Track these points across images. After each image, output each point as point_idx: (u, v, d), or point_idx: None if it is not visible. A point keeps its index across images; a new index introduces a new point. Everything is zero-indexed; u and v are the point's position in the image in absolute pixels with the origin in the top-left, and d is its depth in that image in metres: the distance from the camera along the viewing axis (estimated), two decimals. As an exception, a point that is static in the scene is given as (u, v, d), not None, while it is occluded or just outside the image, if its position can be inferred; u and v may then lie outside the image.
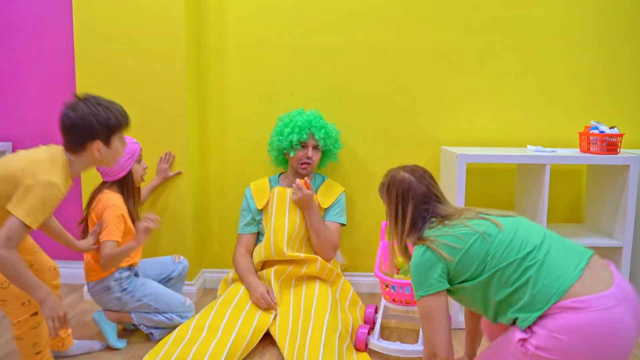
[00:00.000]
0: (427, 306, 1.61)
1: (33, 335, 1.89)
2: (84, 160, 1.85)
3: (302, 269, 2.53)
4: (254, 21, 2.84)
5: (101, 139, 1.83)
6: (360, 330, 2.29)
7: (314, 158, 2.66)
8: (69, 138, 1.82)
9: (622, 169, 2.48)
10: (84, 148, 1.83)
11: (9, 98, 2.97)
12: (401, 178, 1.75)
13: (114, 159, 1.94)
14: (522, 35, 2.82)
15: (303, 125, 2.62)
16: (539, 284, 1.49)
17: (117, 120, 1.86)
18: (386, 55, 2.84)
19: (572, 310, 1.43)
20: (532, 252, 1.53)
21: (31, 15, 2.89)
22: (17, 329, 1.88)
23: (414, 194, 1.73)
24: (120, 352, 2.27)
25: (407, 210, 1.72)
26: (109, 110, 1.84)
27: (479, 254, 1.58)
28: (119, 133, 1.89)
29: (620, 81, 2.86)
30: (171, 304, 2.37)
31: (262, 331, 2.30)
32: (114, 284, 2.28)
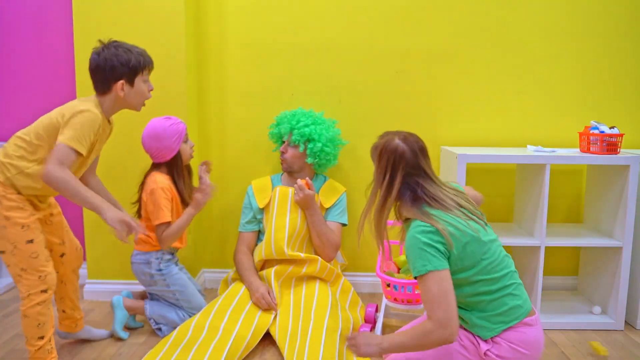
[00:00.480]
0: (439, 281, 1.55)
1: (38, 314, 1.93)
2: (111, 100, 2.01)
3: (302, 269, 2.53)
4: (254, 21, 2.84)
5: (124, 78, 1.99)
6: (362, 329, 2.30)
7: (287, 154, 2.67)
8: (96, 80, 2.00)
9: (622, 169, 2.48)
10: (110, 89, 1.99)
11: (9, 98, 2.96)
12: (394, 146, 1.69)
13: (139, 100, 2.06)
14: (522, 35, 2.83)
15: (281, 122, 2.69)
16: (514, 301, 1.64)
17: (137, 61, 2.01)
18: (386, 55, 2.84)
19: (528, 325, 1.63)
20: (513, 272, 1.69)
21: (31, 15, 2.88)
22: (25, 304, 1.93)
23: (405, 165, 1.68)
24: (123, 347, 2.28)
25: (395, 179, 1.68)
26: (130, 52, 2.00)
27: (473, 254, 1.60)
28: (141, 74, 2.03)
29: (620, 81, 2.86)
30: (192, 302, 2.43)
31: (262, 331, 2.30)
32: (154, 261, 2.39)
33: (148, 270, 2.39)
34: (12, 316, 2.61)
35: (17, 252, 1.90)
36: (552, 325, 2.53)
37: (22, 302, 1.93)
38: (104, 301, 2.78)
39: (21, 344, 2.32)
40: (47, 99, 2.94)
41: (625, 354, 2.30)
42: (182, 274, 2.47)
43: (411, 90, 2.86)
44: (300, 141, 2.63)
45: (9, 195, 1.90)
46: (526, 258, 2.64)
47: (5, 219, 1.89)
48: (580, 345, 2.39)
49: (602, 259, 2.66)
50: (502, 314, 1.62)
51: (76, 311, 2.29)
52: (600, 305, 2.67)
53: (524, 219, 2.69)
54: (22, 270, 1.91)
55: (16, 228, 1.89)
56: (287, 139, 2.67)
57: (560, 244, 2.51)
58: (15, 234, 1.89)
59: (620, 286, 2.50)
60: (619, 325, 2.53)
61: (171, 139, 2.31)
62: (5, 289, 2.94)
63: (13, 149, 1.92)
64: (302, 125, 2.63)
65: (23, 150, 1.91)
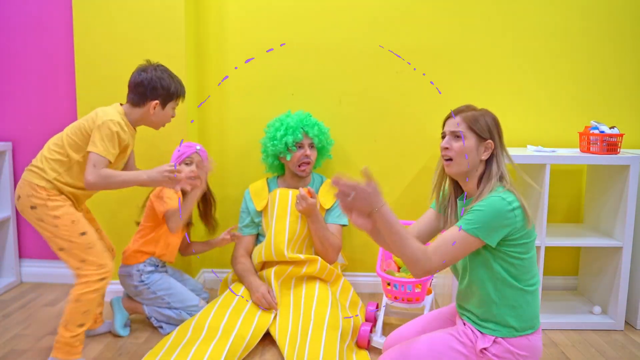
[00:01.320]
0: (467, 244, 1.55)
1: (90, 301, 2.03)
2: (139, 114, 2.18)
3: (302, 269, 2.53)
4: (254, 21, 2.84)
5: (160, 100, 2.16)
6: (363, 327, 2.31)
7: (312, 157, 2.65)
8: (135, 92, 2.16)
9: (622, 169, 2.48)
10: (144, 104, 2.16)
11: (9, 98, 2.96)
12: (496, 120, 1.72)
13: (162, 122, 2.24)
14: (522, 35, 2.83)
15: (295, 125, 2.61)
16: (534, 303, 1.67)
17: (176, 89, 2.20)
18: (386, 55, 2.84)
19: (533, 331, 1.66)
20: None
21: (31, 15, 2.88)
22: (82, 289, 2.01)
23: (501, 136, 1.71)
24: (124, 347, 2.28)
25: (497, 144, 1.68)
26: (172, 80, 2.19)
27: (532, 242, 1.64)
28: (174, 101, 2.22)
29: (620, 81, 2.86)
30: (185, 301, 2.43)
31: (262, 331, 2.30)
32: (135, 273, 2.42)
33: (131, 282, 2.43)
34: (12, 316, 2.61)
35: (74, 246, 2.03)
36: (552, 325, 2.53)
37: (77, 287, 2.02)
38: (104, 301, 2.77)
39: (21, 343, 2.32)
40: (47, 99, 2.94)
41: (625, 354, 2.30)
42: (166, 277, 2.46)
43: (411, 90, 2.86)
44: (322, 138, 2.66)
45: (53, 197, 2.04)
46: (526, 258, 2.63)
47: (55, 219, 2.03)
48: (580, 345, 2.39)
49: (602, 259, 2.66)
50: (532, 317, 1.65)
51: (99, 307, 2.36)
52: (600, 305, 2.67)
53: (524, 219, 2.69)
54: (82, 262, 2.03)
55: (67, 224, 2.03)
56: (309, 141, 2.63)
57: (560, 244, 2.50)
58: (67, 230, 2.02)
59: (620, 286, 2.50)
60: (619, 325, 2.53)
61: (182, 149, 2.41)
62: (5, 289, 2.94)
63: (49, 153, 2.08)
64: (321, 126, 2.67)
65: (58, 155, 2.07)
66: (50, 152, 2.08)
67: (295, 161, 2.63)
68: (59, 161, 2.06)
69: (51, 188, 2.05)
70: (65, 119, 2.92)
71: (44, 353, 2.23)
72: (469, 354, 1.65)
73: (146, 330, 2.48)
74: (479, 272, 1.65)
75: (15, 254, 3.03)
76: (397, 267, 2.48)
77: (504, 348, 1.63)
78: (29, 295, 2.88)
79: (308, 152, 2.62)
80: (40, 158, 2.08)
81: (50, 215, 2.02)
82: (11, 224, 3.00)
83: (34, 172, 2.06)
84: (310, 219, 2.55)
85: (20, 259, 3.09)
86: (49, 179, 2.04)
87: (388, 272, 2.36)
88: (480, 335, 1.65)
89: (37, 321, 2.55)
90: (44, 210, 2.02)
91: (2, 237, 3.02)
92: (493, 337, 1.63)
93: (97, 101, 2.63)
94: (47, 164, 2.06)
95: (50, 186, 2.05)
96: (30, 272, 3.07)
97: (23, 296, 2.88)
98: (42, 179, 2.04)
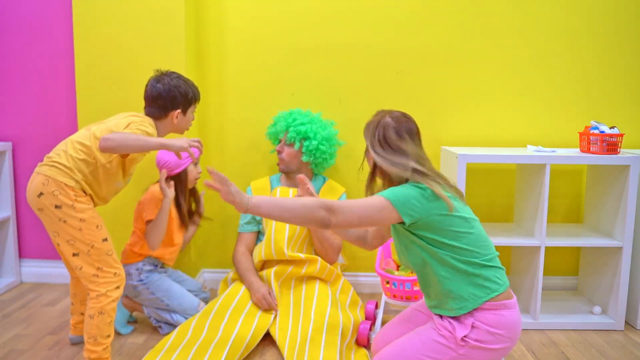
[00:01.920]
0: (380, 209, 1.59)
1: (113, 310, 2.00)
2: (164, 125, 2.17)
3: (302, 270, 2.53)
4: (253, 21, 2.84)
5: (181, 108, 2.16)
6: (362, 325, 2.32)
7: (283, 153, 2.66)
8: (154, 106, 2.14)
9: (622, 169, 2.48)
10: (166, 115, 2.15)
11: (9, 98, 2.97)
12: (386, 123, 1.75)
13: (186, 127, 2.24)
14: (522, 35, 2.83)
15: (280, 120, 2.69)
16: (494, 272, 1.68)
17: (193, 94, 2.20)
18: (386, 55, 2.84)
19: (507, 308, 1.66)
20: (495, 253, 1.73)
21: (31, 15, 2.89)
22: (102, 301, 1.97)
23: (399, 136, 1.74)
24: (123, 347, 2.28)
25: (401, 152, 1.72)
26: (188, 85, 2.18)
27: (460, 224, 1.65)
28: (193, 105, 2.22)
29: (620, 81, 2.86)
30: (183, 304, 2.42)
31: (262, 332, 2.30)
32: (134, 272, 2.40)
33: (130, 282, 2.39)
34: (12, 316, 2.62)
35: (94, 252, 1.96)
36: (552, 325, 2.53)
37: (98, 300, 1.96)
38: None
39: (21, 343, 2.32)
40: (47, 99, 2.94)
41: (625, 354, 2.30)
42: (165, 278, 2.45)
43: (411, 90, 2.87)
44: (296, 139, 2.63)
45: (80, 199, 1.96)
46: (526, 258, 2.64)
47: (80, 222, 1.95)
48: (580, 345, 2.39)
49: (602, 259, 2.66)
50: (482, 285, 1.65)
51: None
52: (600, 305, 2.67)
53: (524, 219, 2.69)
54: (99, 269, 1.97)
55: (92, 228, 1.96)
56: (284, 137, 2.67)
57: (560, 244, 2.50)
58: (91, 234, 1.96)
59: (620, 286, 2.50)
60: (619, 325, 2.53)
61: (182, 155, 2.32)
62: (6, 289, 2.94)
63: (75, 152, 1.97)
64: (298, 123, 2.64)
65: (85, 155, 1.97)
66: (76, 151, 1.97)
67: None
68: (85, 161, 1.96)
69: (79, 188, 1.96)
70: (65, 119, 2.92)
71: (44, 353, 2.24)
72: (452, 345, 1.67)
73: (146, 330, 2.48)
74: (427, 266, 1.69)
75: (15, 254, 3.03)
76: (396, 265, 2.48)
77: (483, 330, 1.64)
78: (29, 295, 2.88)
79: (279, 148, 2.68)
80: (66, 156, 1.96)
81: (77, 218, 1.94)
82: (11, 224, 3.00)
83: (61, 170, 1.94)
84: None
85: (20, 259, 3.09)
86: (77, 179, 1.95)
87: (387, 270, 2.37)
88: (457, 324, 1.67)
89: (37, 321, 2.55)
90: (70, 211, 1.93)
91: (2, 237, 3.03)
92: (470, 323, 1.65)
93: (97, 101, 2.65)
94: (74, 163, 1.95)
95: (78, 187, 1.96)
96: (30, 272, 3.07)
97: (23, 296, 2.88)
98: (71, 178, 1.94)
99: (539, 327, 2.53)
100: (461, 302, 1.66)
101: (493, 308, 1.65)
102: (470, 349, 1.64)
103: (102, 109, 2.57)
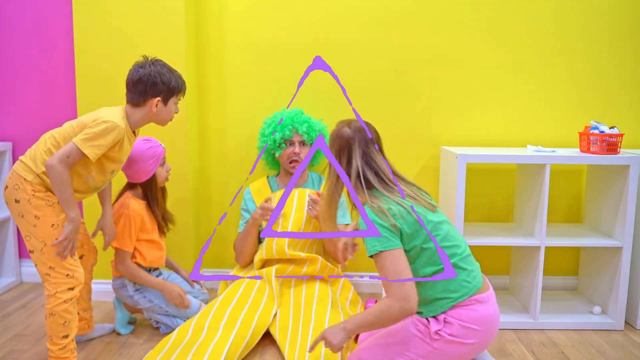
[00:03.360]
0: (392, 260, 1.65)
1: (65, 311, 1.96)
2: (142, 114, 2.07)
3: (303, 269, 2.53)
4: (254, 21, 2.84)
5: (161, 96, 2.06)
6: None
7: (302, 154, 2.66)
8: (134, 91, 2.06)
9: (622, 169, 2.48)
10: (145, 102, 2.06)
11: (9, 98, 2.97)
12: (344, 133, 1.79)
13: (166, 118, 2.14)
14: (522, 35, 2.83)
15: (285, 122, 2.64)
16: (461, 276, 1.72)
17: (177, 83, 2.10)
18: (386, 55, 2.84)
19: (480, 302, 1.70)
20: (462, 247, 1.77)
21: (31, 15, 2.89)
22: (52, 302, 1.95)
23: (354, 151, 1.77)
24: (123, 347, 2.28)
25: (347, 163, 1.77)
26: (172, 74, 2.09)
27: (422, 232, 1.70)
28: (176, 96, 2.12)
29: (620, 81, 2.86)
30: (182, 309, 2.42)
31: (262, 331, 2.30)
32: (129, 283, 2.40)
33: (126, 294, 2.40)
34: (12, 316, 2.62)
35: (47, 251, 1.93)
36: (552, 325, 2.53)
37: (48, 300, 1.95)
38: (104, 301, 2.79)
39: (21, 343, 2.32)
40: (47, 99, 2.94)
41: (625, 354, 2.30)
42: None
43: (411, 90, 2.86)
44: (313, 135, 2.65)
45: (38, 194, 1.94)
46: (526, 258, 2.64)
47: (35, 218, 1.93)
48: (580, 345, 2.39)
49: (602, 259, 2.66)
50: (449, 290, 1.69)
51: (88, 311, 2.32)
52: (600, 305, 2.67)
53: (524, 219, 2.69)
54: (51, 268, 1.94)
55: (46, 227, 1.93)
56: (299, 138, 2.65)
57: (560, 244, 2.50)
58: (45, 233, 1.93)
59: (620, 286, 2.50)
60: (619, 325, 2.53)
61: (148, 162, 2.31)
62: (5, 289, 2.94)
63: (44, 146, 1.97)
64: (314, 123, 2.67)
65: (53, 147, 1.95)
66: (45, 144, 1.97)
67: (285, 158, 2.67)
68: (50, 152, 1.95)
69: (38, 183, 1.94)
70: (65, 119, 2.90)
71: (44, 353, 2.24)
72: (427, 339, 1.71)
73: (146, 330, 2.48)
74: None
75: (15, 254, 3.03)
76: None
77: (456, 325, 1.67)
78: (29, 295, 2.88)
79: (297, 150, 2.64)
80: (35, 149, 1.98)
81: (32, 214, 1.93)
82: (11, 224, 3.00)
83: (24, 163, 1.96)
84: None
85: (20, 259, 3.09)
86: (38, 172, 1.94)
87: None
88: (431, 319, 1.72)
89: (37, 321, 2.55)
90: (27, 206, 1.93)
91: (2, 237, 3.03)
92: (442, 318, 1.69)
93: (97, 101, 2.64)
94: (40, 155, 1.95)
95: (38, 181, 1.94)
96: (30, 272, 3.07)
97: (23, 296, 2.88)
98: (30, 171, 1.94)
99: (538, 327, 2.53)
100: (431, 307, 1.72)
101: (465, 304, 1.69)
102: (445, 343, 1.68)
103: (102, 109, 2.57)
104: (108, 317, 2.61)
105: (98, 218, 2.31)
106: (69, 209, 1.93)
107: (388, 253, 1.65)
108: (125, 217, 2.33)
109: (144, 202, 2.39)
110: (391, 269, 1.64)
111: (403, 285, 1.61)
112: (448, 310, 1.70)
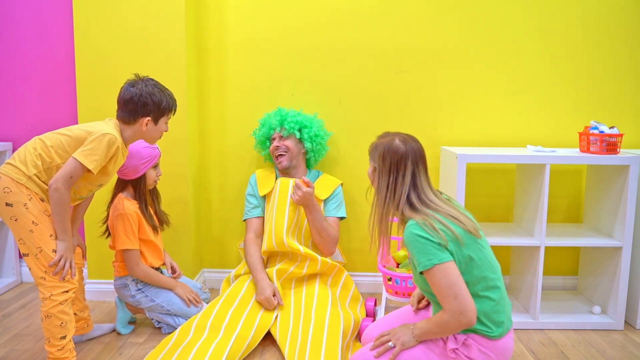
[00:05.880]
0: (445, 274, 1.61)
1: (61, 313, 1.95)
2: (132, 131, 2.09)
3: (303, 270, 2.53)
4: (254, 21, 2.85)
5: (151, 116, 2.08)
6: (364, 323, 2.35)
7: (287, 145, 2.66)
8: (125, 109, 2.07)
9: (622, 169, 2.49)
10: (135, 121, 2.07)
11: (9, 98, 2.97)
12: (397, 147, 1.77)
13: (156, 137, 2.16)
14: (522, 35, 2.83)
15: (266, 121, 2.71)
16: (502, 303, 1.71)
17: (167, 104, 2.12)
18: (386, 55, 2.84)
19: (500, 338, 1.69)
20: (499, 276, 1.74)
21: (31, 16, 2.89)
22: (47, 304, 1.94)
23: (406, 167, 1.76)
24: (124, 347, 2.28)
25: (399, 179, 1.76)
26: (163, 94, 2.10)
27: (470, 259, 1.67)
28: (166, 116, 2.14)
29: (620, 81, 2.86)
30: (184, 307, 2.42)
31: (264, 332, 2.30)
32: (131, 283, 2.41)
33: (128, 293, 2.41)
34: (12, 316, 2.62)
35: (42, 256, 1.93)
36: (552, 325, 2.53)
37: (44, 303, 1.94)
38: (104, 301, 2.79)
39: (21, 343, 2.32)
40: (47, 99, 2.94)
41: (625, 354, 2.30)
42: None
43: (411, 90, 2.87)
44: (294, 129, 2.66)
45: (34, 200, 1.93)
46: (526, 258, 2.64)
47: (33, 224, 1.92)
48: (580, 345, 2.39)
49: (602, 259, 2.66)
50: (493, 321, 1.68)
51: (85, 311, 2.33)
52: (600, 305, 2.67)
53: (524, 219, 2.69)
54: (46, 272, 1.94)
55: (44, 236, 1.93)
56: (278, 133, 2.68)
57: (560, 244, 2.51)
58: (42, 240, 1.92)
59: (620, 286, 2.50)
60: (619, 325, 2.53)
61: (140, 160, 2.32)
62: (5, 288, 2.94)
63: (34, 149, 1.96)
64: (291, 115, 2.68)
65: (43, 152, 1.95)
66: (35, 149, 1.96)
67: (272, 155, 2.71)
68: (40, 157, 1.94)
69: (32, 186, 1.93)
70: (65, 119, 2.92)
71: (44, 353, 2.24)
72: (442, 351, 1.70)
73: (147, 330, 2.48)
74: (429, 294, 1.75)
75: (15, 254, 3.04)
76: (396, 263, 2.50)
77: (474, 348, 1.67)
78: (29, 295, 2.88)
79: (277, 143, 2.67)
80: (24, 152, 1.96)
81: (29, 219, 1.91)
82: (11, 224, 3.00)
83: (15, 166, 1.93)
84: (308, 209, 2.56)
85: (21, 259, 3.09)
86: (30, 175, 1.92)
87: (388, 267, 2.38)
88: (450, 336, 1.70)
89: (37, 321, 2.55)
90: (22, 210, 1.90)
91: (2, 237, 3.03)
92: (462, 339, 1.68)
93: (97, 101, 2.65)
94: (30, 158, 1.94)
95: (31, 184, 1.93)
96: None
97: (23, 296, 2.88)
98: (23, 175, 1.92)
99: (538, 326, 2.53)
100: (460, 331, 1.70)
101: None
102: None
103: (102, 109, 2.57)
104: (108, 317, 2.61)
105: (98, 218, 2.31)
106: (61, 232, 1.95)
107: (440, 266, 1.62)
108: (122, 217, 2.33)
109: (136, 202, 2.39)
110: (444, 283, 1.61)
111: (457, 299, 1.59)
112: (472, 334, 1.69)
